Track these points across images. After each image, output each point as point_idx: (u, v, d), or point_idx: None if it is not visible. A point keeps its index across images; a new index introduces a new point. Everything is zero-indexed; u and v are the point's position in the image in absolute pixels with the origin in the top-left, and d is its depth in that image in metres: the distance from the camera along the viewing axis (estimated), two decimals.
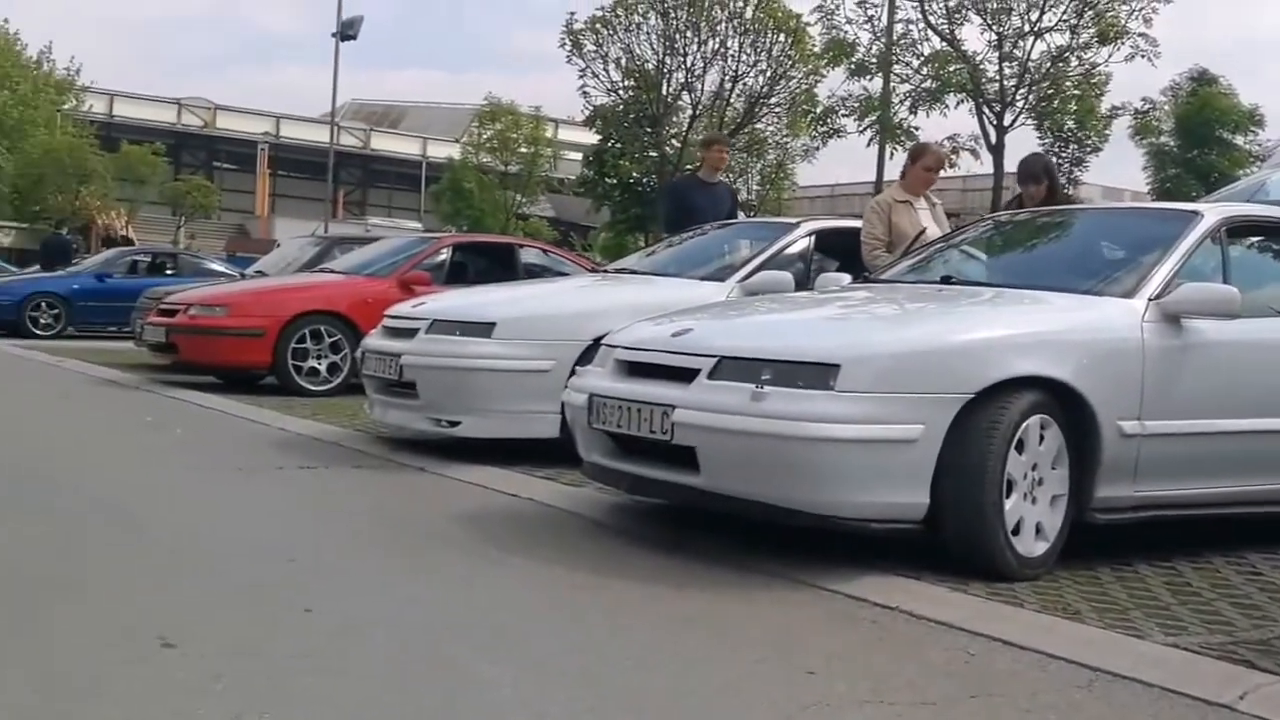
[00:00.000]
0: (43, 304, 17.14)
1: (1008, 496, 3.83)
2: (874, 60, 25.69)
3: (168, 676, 2.74)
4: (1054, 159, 27.09)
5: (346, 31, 33.44)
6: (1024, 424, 3.85)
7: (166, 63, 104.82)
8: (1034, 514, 3.93)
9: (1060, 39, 25.49)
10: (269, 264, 13.30)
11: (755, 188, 33.56)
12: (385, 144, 56.85)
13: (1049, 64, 25.69)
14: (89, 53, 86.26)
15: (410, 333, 6.38)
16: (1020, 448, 3.86)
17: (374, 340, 6.72)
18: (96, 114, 46.57)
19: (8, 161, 39.50)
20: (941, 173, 7.48)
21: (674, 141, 31.20)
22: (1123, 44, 25.08)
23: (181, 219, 43.15)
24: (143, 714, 2.52)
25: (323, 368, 9.37)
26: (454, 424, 6.10)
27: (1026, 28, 25.47)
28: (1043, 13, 25.25)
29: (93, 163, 39.13)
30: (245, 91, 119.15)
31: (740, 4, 29.93)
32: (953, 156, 25.01)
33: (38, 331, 16.74)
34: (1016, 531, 3.86)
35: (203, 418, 8.05)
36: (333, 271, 10.48)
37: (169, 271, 17.78)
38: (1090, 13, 25.05)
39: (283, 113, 54.45)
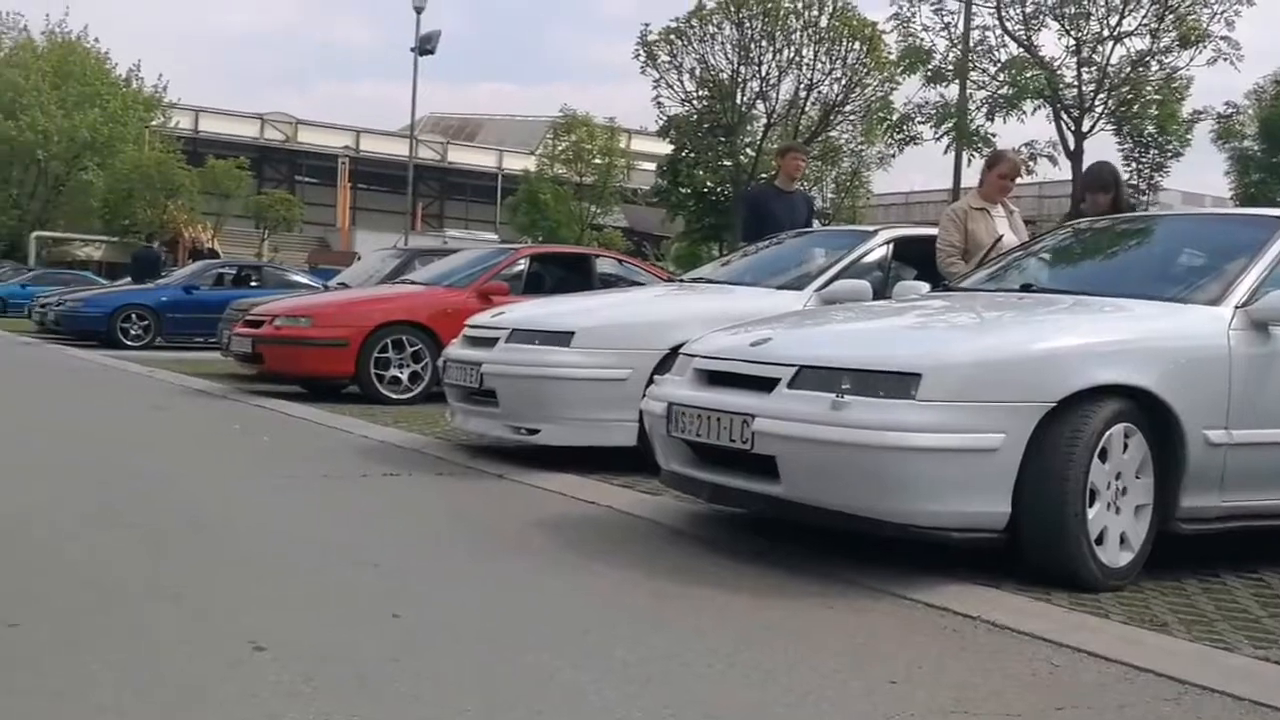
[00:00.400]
0: (133, 315, 17.62)
1: (1091, 506, 3.79)
2: (950, 67, 25.45)
3: (261, 679, 2.81)
4: (1134, 164, 26.68)
5: (425, 46, 33.89)
6: (1107, 433, 3.82)
7: (249, 79, 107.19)
8: (1118, 524, 3.88)
9: (1140, 43, 25.11)
10: (352, 275, 13.56)
11: (830, 195, 33.46)
12: (462, 157, 57.53)
13: (1129, 69, 25.29)
14: (175, 70, 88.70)
15: (490, 342, 6.47)
16: (1104, 457, 3.82)
17: (455, 350, 6.83)
18: (183, 130, 47.78)
19: (98, 177, 40.67)
20: (1018, 180, 7.41)
21: (748, 150, 31.20)
22: (1204, 47, 24.65)
23: (265, 232, 44.04)
24: (238, 716, 2.60)
25: (404, 377, 9.53)
26: (533, 432, 6.18)
27: (1106, 33, 25.12)
28: (1122, 17, 24.87)
29: (180, 177, 40.15)
30: (325, 106, 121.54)
31: (815, 13, 29.87)
32: (1030, 163, 24.73)
33: (128, 342, 17.22)
34: (1100, 541, 3.82)
35: (289, 426, 8.23)
36: (413, 283, 10.65)
37: (253, 283, 18.18)
38: (1171, 16, 24.62)
39: (362, 127, 55.36)
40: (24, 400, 9.93)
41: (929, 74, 25.73)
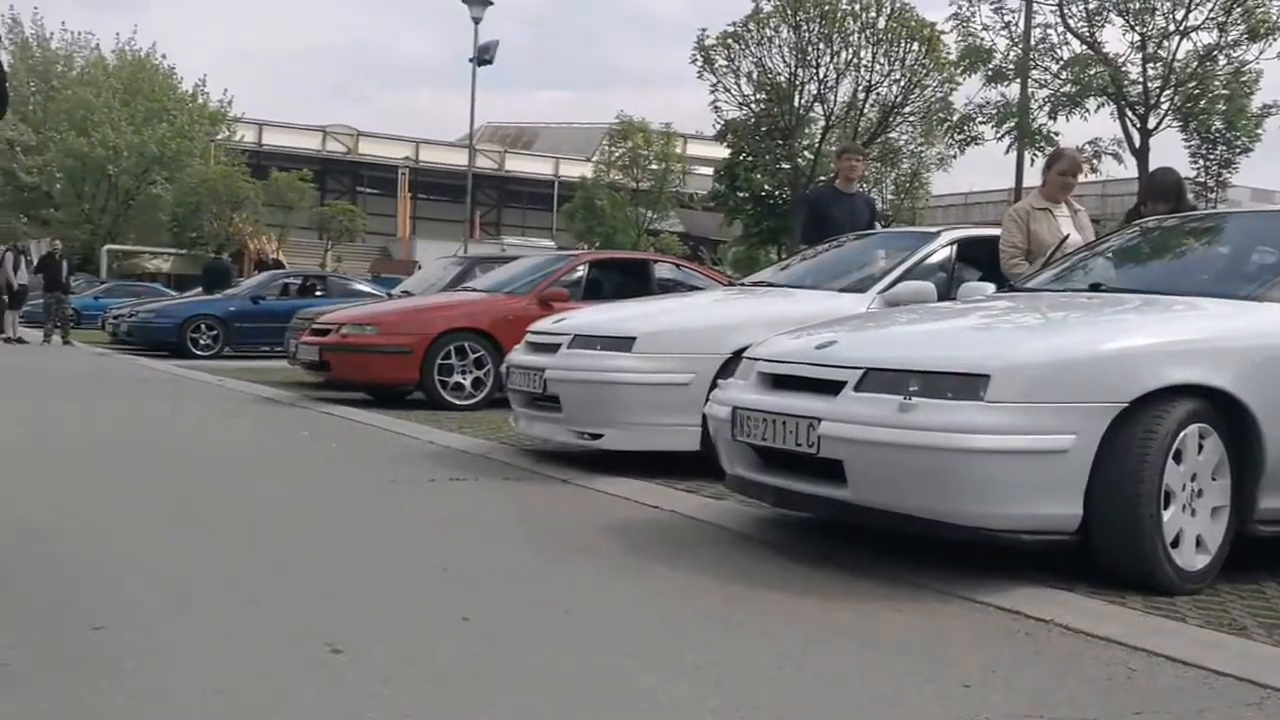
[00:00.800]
0: (201, 325, 17.97)
1: (1166, 508, 3.73)
2: (1011, 66, 25.15)
3: (338, 681, 2.85)
4: (1201, 161, 26.18)
5: (483, 56, 34.03)
6: (1181, 434, 3.76)
7: (311, 92, 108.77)
8: (1194, 526, 3.82)
9: (1207, 37, 24.63)
10: (414, 284, 13.71)
11: (889, 197, 33.25)
12: (519, 165, 57.94)
13: (1195, 63, 24.83)
14: (239, 84, 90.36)
15: (553, 348, 6.51)
16: (1178, 458, 3.76)
17: (518, 356, 6.88)
18: (247, 143, 48.56)
19: (166, 191, 41.51)
20: (1081, 177, 7.32)
21: (806, 153, 31.09)
22: (1275, 40, 24.12)
23: (328, 242, 44.62)
24: (320, 716, 2.64)
25: (468, 383, 9.64)
26: (596, 436, 6.21)
27: (1171, 27, 24.69)
28: (1189, 11, 24.43)
29: (244, 190, 40.82)
30: (385, 117, 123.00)
31: (873, 14, 29.72)
32: (1094, 161, 24.37)
33: (197, 352, 17.56)
34: (1175, 544, 3.76)
35: (355, 432, 8.33)
36: (474, 290, 10.75)
37: (318, 293, 18.45)
38: (1239, 9, 24.14)
39: (421, 137, 55.91)
40: (100, 410, 10.13)
41: (989, 73, 25.43)
